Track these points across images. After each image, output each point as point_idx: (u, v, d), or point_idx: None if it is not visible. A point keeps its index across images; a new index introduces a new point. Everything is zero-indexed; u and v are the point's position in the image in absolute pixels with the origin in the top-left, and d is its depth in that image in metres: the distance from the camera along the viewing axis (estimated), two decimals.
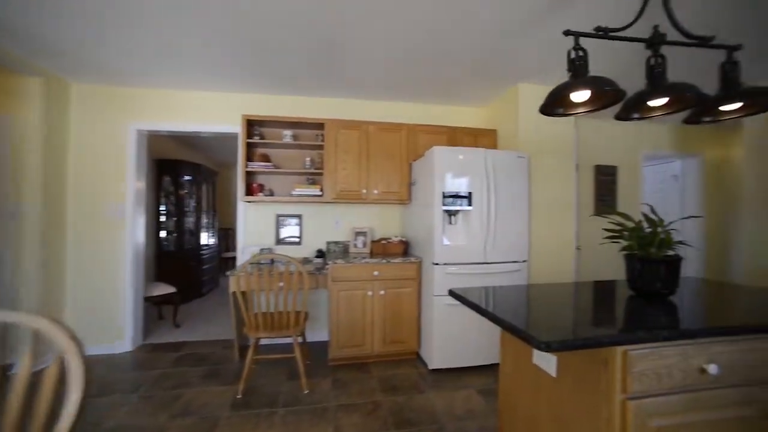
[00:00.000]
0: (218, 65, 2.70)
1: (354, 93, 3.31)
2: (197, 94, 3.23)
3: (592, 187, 4.03)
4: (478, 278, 2.64)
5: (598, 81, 1.22)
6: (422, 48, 2.43)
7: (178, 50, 2.45)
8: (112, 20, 2.08)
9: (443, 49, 2.46)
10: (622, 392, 0.95)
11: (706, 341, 1.02)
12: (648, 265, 1.34)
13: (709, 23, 2.02)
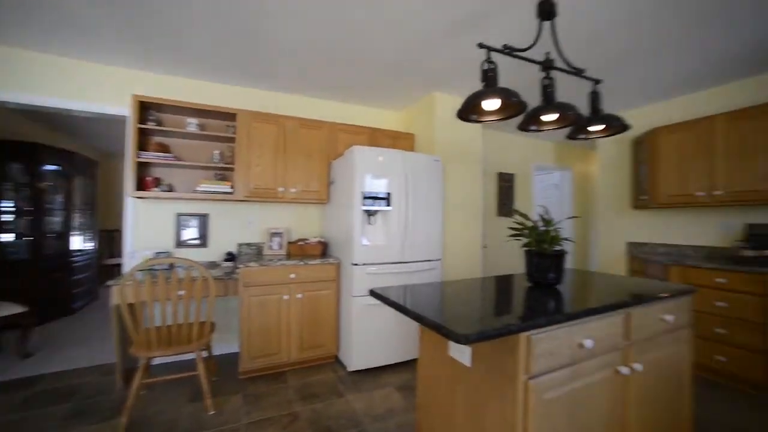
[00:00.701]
0: (104, 29, 2.23)
1: (271, 85, 3.10)
2: (71, 62, 2.63)
3: (496, 192, 4.52)
4: (396, 277, 2.71)
5: (506, 92, 1.34)
6: (344, 48, 2.40)
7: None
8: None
9: (365, 53, 2.47)
10: (525, 373, 1.05)
11: (584, 321, 1.20)
12: (543, 258, 1.53)
13: (583, 59, 2.44)
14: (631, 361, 1.36)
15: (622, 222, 3.72)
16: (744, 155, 2.57)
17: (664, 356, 1.51)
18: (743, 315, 2.34)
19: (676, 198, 2.96)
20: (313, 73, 2.85)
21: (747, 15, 1.96)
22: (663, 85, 2.97)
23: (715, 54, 2.41)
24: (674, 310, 1.55)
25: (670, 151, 3.00)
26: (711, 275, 2.49)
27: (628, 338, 1.36)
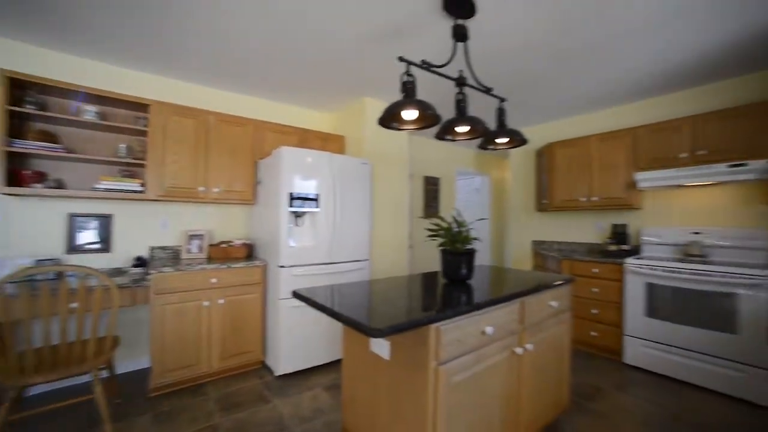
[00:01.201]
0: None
1: (191, 76, 2.86)
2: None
3: (422, 194, 4.80)
4: (324, 278, 2.73)
5: (422, 104, 1.47)
6: (276, 47, 2.34)
7: None
8: None
9: (297, 53, 2.44)
10: (435, 360, 1.18)
11: (487, 310, 1.38)
12: (456, 257, 1.71)
13: (493, 79, 2.75)
14: (525, 343, 1.60)
15: (529, 223, 4.26)
16: (609, 169, 3.16)
17: (550, 336, 1.80)
18: (609, 297, 2.88)
19: (566, 202, 3.50)
20: (241, 68, 2.71)
21: (620, 54, 2.43)
22: (557, 106, 3.49)
23: (595, 85, 2.91)
24: (558, 297, 1.86)
25: (563, 163, 3.54)
26: (589, 266, 3.01)
27: (523, 323, 1.60)
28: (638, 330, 2.70)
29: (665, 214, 3.11)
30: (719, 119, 2.60)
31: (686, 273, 2.46)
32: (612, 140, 3.17)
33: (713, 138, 2.61)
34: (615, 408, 2.19)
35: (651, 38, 2.18)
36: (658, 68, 2.60)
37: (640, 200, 3.17)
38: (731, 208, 2.77)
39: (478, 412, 1.35)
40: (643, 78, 2.77)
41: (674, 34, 2.13)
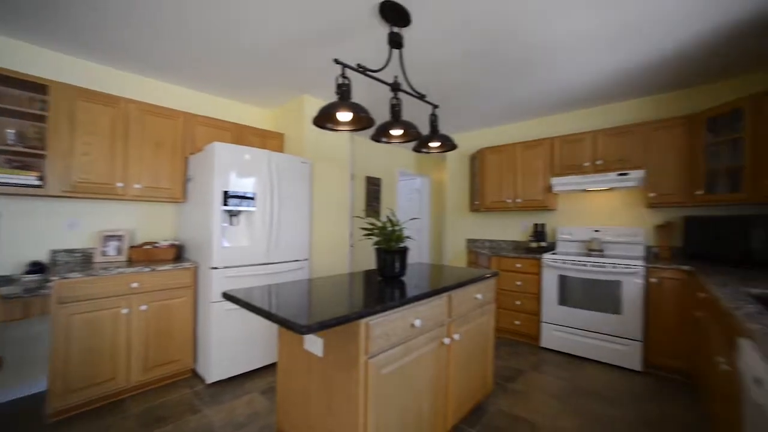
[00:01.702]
0: None
1: (108, 58, 2.57)
2: None
3: (364, 194, 4.87)
4: (261, 279, 2.66)
5: (356, 107, 1.52)
6: (213, 37, 2.21)
7: None
8: None
9: (235, 44, 2.33)
10: (365, 354, 1.24)
11: (416, 304, 1.47)
12: (390, 255, 1.78)
13: (428, 86, 2.91)
14: (452, 333, 1.73)
15: (463, 222, 4.56)
16: (531, 174, 3.54)
17: (475, 326, 1.97)
18: (529, 290, 3.22)
19: (495, 204, 3.82)
20: (172, 57, 2.51)
21: (540, 74, 2.72)
22: (489, 115, 3.79)
23: (519, 98, 3.23)
24: (483, 290, 2.04)
25: (493, 167, 3.86)
26: (513, 262, 3.33)
27: (450, 315, 1.73)
28: (552, 317, 3.06)
29: (575, 215, 3.56)
30: (612, 135, 3.05)
31: (588, 265, 2.86)
32: (533, 148, 3.54)
33: (608, 150, 3.07)
34: (531, 386, 2.47)
35: (562, 62, 2.49)
36: (569, 88, 2.97)
37: (555, 202, 3.59)
38: (621, 210, 3.27)
39: (408, 400, 1.44)
40: (557, 96, 3.15)
41: (578, 60, 2.46)
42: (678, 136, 2.75)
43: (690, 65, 2.54)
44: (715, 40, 2.20)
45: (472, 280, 1.88)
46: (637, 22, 2.02)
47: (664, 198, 2.82)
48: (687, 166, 2.71)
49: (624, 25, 2.05)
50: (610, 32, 2.13)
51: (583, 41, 2.23)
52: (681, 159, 2.74)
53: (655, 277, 2.59)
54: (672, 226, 2.98)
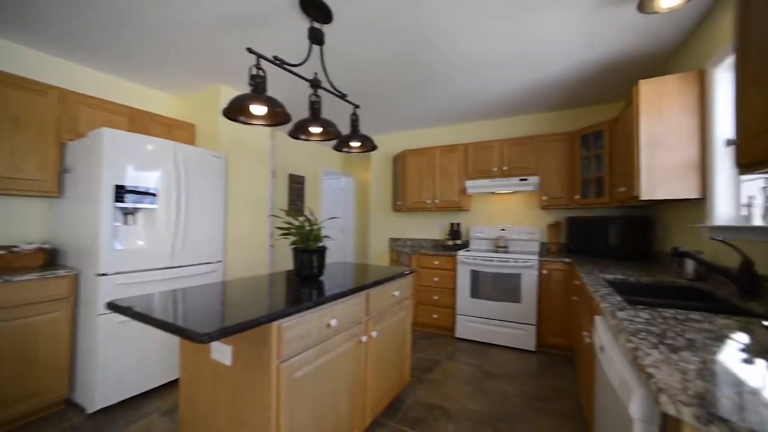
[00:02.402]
0: None
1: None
2: None
3: (287, 192, 4.68)
4: (166, 284, 2.36)
5: (272, 100, 1.45)
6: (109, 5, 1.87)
7: None
8: None
9: (139, 19, 2.01)
10: (277, 359, 1.18)
11: (332, 304, 1.46)
12: (307, 254, 1.74)
13: (351, 86, 2.92)
14: (370, 331, 1.76)
15: (386, 221, 4.69)
16: (448, 177, 3.81)
17: (393, 322, 2.04)
18: (446, 285, 3.46)
19: (416, 204, 4.01)
20: (50, 16, 2.05)
21: (449, 86, 2.92)
22: (410, 119, 3.97)
23: (436, 106, 3.44)
24: (401, 288, 2.12)
25: (414, 169, 4.04)
26: (432, 259, 3.54)
27: (368, 313, 1.76)
28: (465, 309, 3.33)
29: (485, 215, 3.94)
30: (515, 144, 3.46)
31: (495, 261, 3.18)
32: (450, 153, 3.81)
33: (512, 158, 3.46)
34: (446, 374, 2.65)
35: (475, 76, 2.73)
36: (482, 100, 3.27)
37: (469, 203, 3.92)
38: (522, 211, 3.73)
39: (325, 402, 1.42)
40: (472, 106, 3.44)
41: (489, 76, 2.73)
42: (562, 149, 3.24)
43: (572, 90, 3.01)
44: (589, 72, 2.65)
45: (389, 278, 1.94)
46: (533, 51, 2.32)
47: (553, 201, 3.29)
48: (569, 174, 3.20)
49: (522, 53, 2.33)
50: (514, 56, 2.40)
51: (492, 61, 2.48)
52: (565, 168, 3.23)
53: (545, 269, 3.00)
54: (559, 225, 3.49)
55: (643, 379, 0.72)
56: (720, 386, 0.64)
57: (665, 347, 0.82)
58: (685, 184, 1.97)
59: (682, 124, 1.98)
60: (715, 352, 0.80)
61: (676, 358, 0.76)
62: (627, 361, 0.90)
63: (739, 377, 0.68)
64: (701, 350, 0.81)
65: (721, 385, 0.64)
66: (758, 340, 0.90)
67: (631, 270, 2.16)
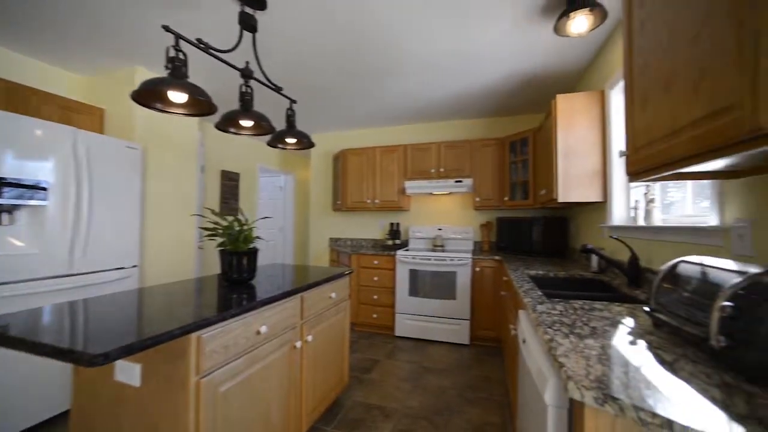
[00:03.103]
0: None
1: None
2: None
3: (219, 190, 4.32)
4: (64, 296, 2.02)
5: (193, 87, 1.30)
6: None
7: None
8: None
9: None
10: (197, 374, 1.06)
11: (262, 309, 1.37)
12: (237, 257, 1.61)
13: (289, 81, 2.80)
14: (305, 335, 1.69)
15: (327, 221, 4.60)
16: (388, 177, 3.85)
17: (330, 324, 1.99)
18: (385, 284, 3.50)
19: (356, 204, 3.99)
20: None
21: (390, 86, 2.95)
22: (350, 118, 3.93)
23: (376, 106, 3.46)
24: (338, 289, 2.07)
25: (354, 169, 4.02)
26: (371, 259, 3.55)
27: (303, 317, 1.69)
28: (404, 307, 3.40)
29: (424, 215, 4.06)
30: (450, 147, 3.62)
31: (432, 260, 3.29)
32: (390, 153, 3.86)
33: (448, 160, 3.62)
34: (385, 373, 2.67)
35: (416, 77, 2.79)
36: (422, 101, 3.36)
37: (408, 203, 4.01)
38: (457, 212, 3.92)
39: (255, 414, 1.32)
40: (411, 108, 3.52)
41: (428, 81, 2.81)
42: (493, 154, 3.48)
43: (502, 99, 3.25)
44: (516, 82, 2.87)
45: (326, 280, 1.88)
46: (469, 59, 2.44)
47: (485, 202, 3.51)
48: (499, 177, 3.45)
49: (460, 60, 2.44)
50: (454, 62, 2.51)
51: (434, 65, 2.55)
52: (495, 172, 3.47)
53: (478, 266, 3.19)
54: (490, 225, 3.74)
55: (556, 368, 0.78)
56: (613, 368, 0.72)
57: (575, 336, 0.91)
58: (591, 189, 2.23)
59: (588, 136, 2.25)
60: (611, 337, 0.91)
61: (582, 346, 0.84)
62: (544, 352, 0.98)
63: (626, 358, 0.77)
64: (601, 336, 0.91)
65: (614, 367, 0.72)
66: (640, 323, 1.04)
67: (550, 266, 2.39)
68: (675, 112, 0.83)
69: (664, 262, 1.50)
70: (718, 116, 0.68)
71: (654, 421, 0.56)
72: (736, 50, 0.63)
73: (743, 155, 0.71)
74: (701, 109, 0.73)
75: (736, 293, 0.73)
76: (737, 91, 0.62)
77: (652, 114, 0.95)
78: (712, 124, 0.70)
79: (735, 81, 0.63)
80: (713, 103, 0.69)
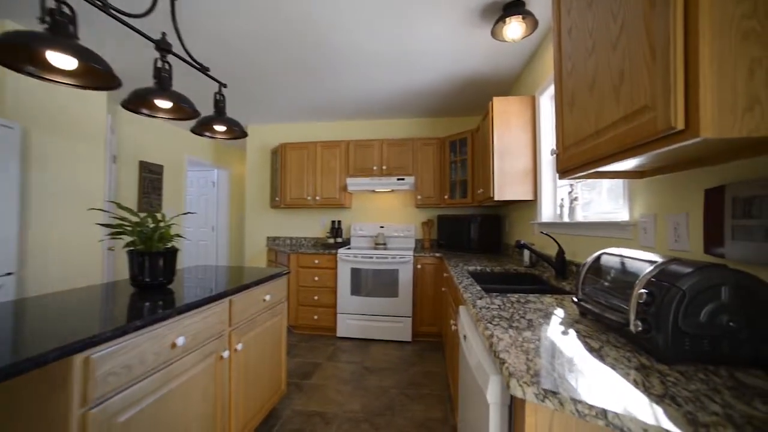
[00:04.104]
0: None
1: None
2: None
3: (137, 183, 3.79)
4: None
5: (85, 51, 1.06)
6: None
7: None
8: None
9: None
10: (83, 405, 0.86)
11: (180, 318, 1.18)
12: (150, 258, 1.38)
13: (215, 63, 2.53)
14: (234, 344, 1.52)
15: (264, 219, 4.31)
16: (329, 173, 3.73)
17: (264, 330, 1.82)
18: (326, 284, 3.37)
19: (296, 200, 3.80)
20: None
21: (323, 80, 2.83)
22: (290, 110, 3.72)
23: (317, 99, 3.31)
24: (274, 290, 1.91)
25: (294, 164, 3.81)
26: (312, 258, 3.40)
27: (232, 323, 1.51)
28: (346, 307, 3.30)
29: (366, 213, 4.01)
30: (393, 145, 3.62)
31: (374, 258, 3.25)
32: (332, 148, 3.73)
33: (391, 157, 3.61)
34: (326, 377, 2.55)
35: (356, 71, 2.71)
36: (365, 98, 3.29)
37: (350, 201, 3.92)
38: (400, 209, 3.94)
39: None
40: (353, 103, 3.44)
41: (371, 75, 2.75)
42: (434, 153, 3.55)
43: (443, 99, 3.32)
44: (457, 82, 2.96)
45: (259, 281, 1.72)
46: (412, 57, 2.43)
47: (426, 200, 3.57)
48: (440, 176, 3.53)
49: (404, 57, 2.42)
50: (397, 57, 2.47)
51: (378, 60, 2.50)
52: (436, 170, 3.54)
53: (420, 263, 3.22)
54: (431, 222, 3.82)
55: (497, 364, 0.76)
56: (550, 361, 0.72)
57: (514, 330, 0.91)
58: (523, 188, 2.37)
59: (521, 137, 2.38)
60: (546, 329, 0.93)
61: (521, 340, 0.84)
62: (485, 348, 0.97)
63: (561, 349, 0.78)
64: (537, 328, 0.93)
65: (550, 360, 0.73)
66: (569, 313, 1.09)
67: (487, 261, 2.49)
68: (599, 112, 0.87)
69: (587, 255, 1.63)
70: (635, 116, 0.72)
71: (590, 413, 0.56)
72: (650, 55, 0.66)
73: (649, 155, 0.76)
74: (622, 110, 0.77)
75: (649, 281, 0.78)
76: (651, 93, 0.66)
77: (579, 115, 1.00)
78: (630, 123, 0.73)
79: (649, 83, 0.67)
80: (632, 104, 0.73)
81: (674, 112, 0.60)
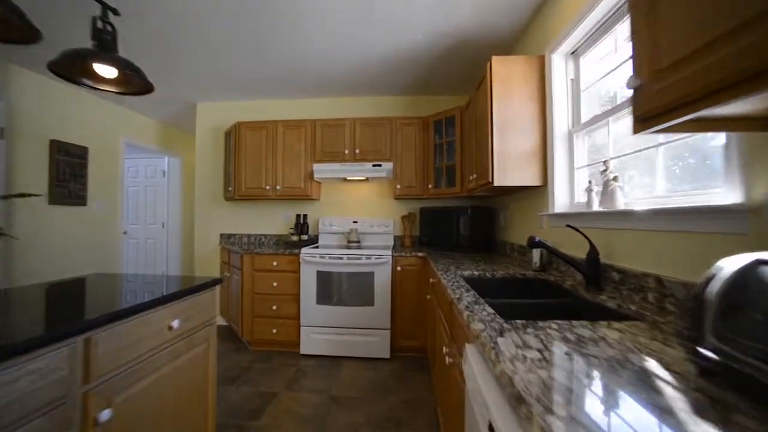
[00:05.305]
0: None
1: None
2: None
3: (47, 167, 3.04)
4: None
5: None
6: None
7: None
8: None
9: None
10: None
11: None
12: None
13: None
14: (95, 411, 0.92)
15: (217, 213, 3.64)
16: (293, 158, 3.12)
17: (169, 373, 1.23)
18: (287, 290, 2.78)
19: (252, 190, 3.17)
20: None
21: (278, 39, 2.24)
22: (243, 81, 3.08)
23: (271, 67, 2.70)
24: (194, 310, 1.32)
25: (251, 147, 3.18)
26: (269, 260, 2.79)
27: (90, 379, 0.91)
28: (311, 318, 2.73)
29: (336, 205, 3.43)
30: (368, 125, 3.05)
31: (345, 259, 2.69)
32: (295, 129, 3.13)
33: (365, 140, 3.04)
34: (282, 413, 1.99)
35: (318, 27, 2.13)
36: (330, 67, 2.71)
37: (318, 191, 3.33)
38: (376, 201, 3.39)
39: None
40: (320, 73, 2.85)
41: (330, 30, 2.18)
42: (416, 134, 3.02)
43: (426, 70, 2.79)
44: (445, 44, 2.43)
45: (156, 301, 1.13)
46: (386, 11, 1.88)
47: (407, 190, 3.03)
48: (423, 162, 3.01)
49: (374, 10, 1.87)
50: (366, 11, 1.92)
51: (343, 12, 1.92)
52: (419, 155, 3.01)
53: (400, 265, 2.69)
54: (413, 216, 3.29)
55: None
56: None
57: (585, 426, 0.39)
58: (530, 172, 1.89)
59: (527, 109, 1.89)
60: (646, 409, 0.41)
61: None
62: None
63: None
64: (629, 409, 0.41)
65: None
66: (670, 364, 0.58)
67: (482, 263, 2.00)
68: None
69: (636, 257, 1.15)
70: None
71: None
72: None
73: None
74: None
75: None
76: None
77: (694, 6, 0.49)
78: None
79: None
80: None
81: None
